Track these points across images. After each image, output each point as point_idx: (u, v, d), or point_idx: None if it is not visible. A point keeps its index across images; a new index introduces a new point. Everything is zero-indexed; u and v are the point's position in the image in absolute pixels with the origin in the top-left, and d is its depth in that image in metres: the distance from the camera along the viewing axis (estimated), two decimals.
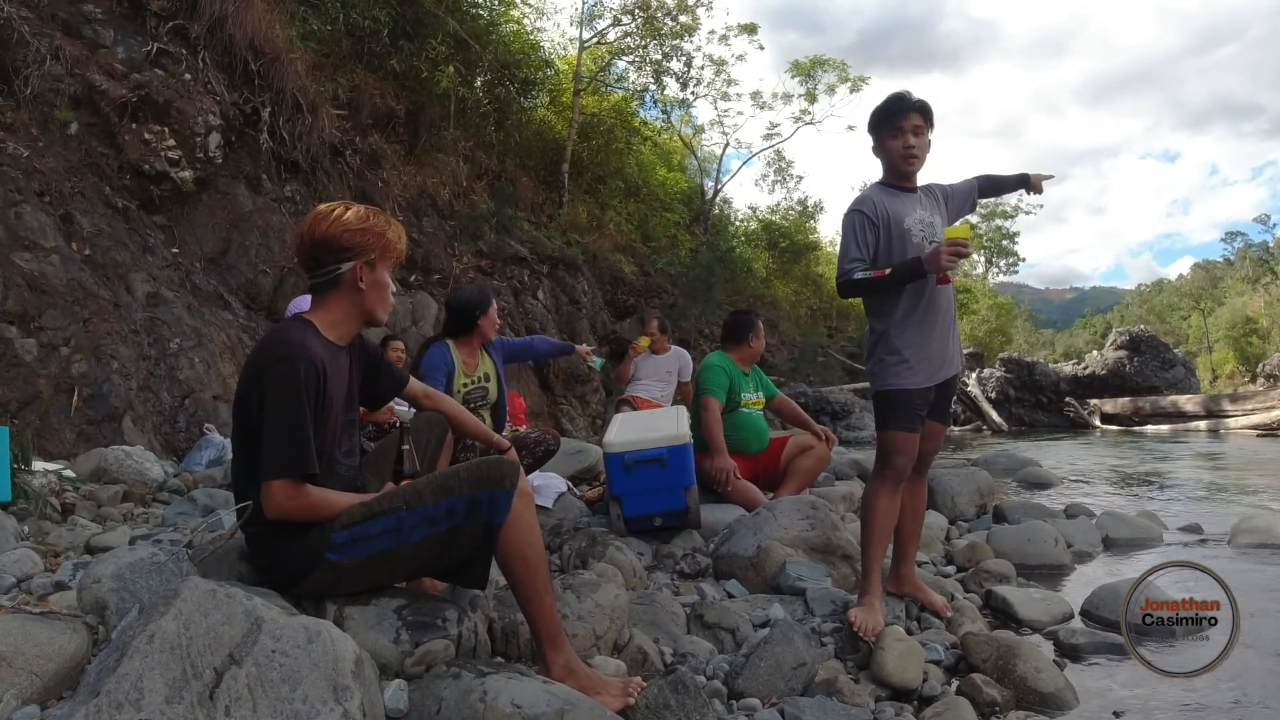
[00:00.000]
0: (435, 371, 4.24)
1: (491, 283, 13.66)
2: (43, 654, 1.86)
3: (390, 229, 2.31)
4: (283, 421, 2.04)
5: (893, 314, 2.89)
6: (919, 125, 2.94)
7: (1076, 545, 4.49)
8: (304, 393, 2.06)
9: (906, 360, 2.87)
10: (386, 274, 2.32)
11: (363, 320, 2.33)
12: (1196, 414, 18.08)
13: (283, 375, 2.06)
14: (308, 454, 2.04)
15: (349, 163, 11.77)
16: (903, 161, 2.96)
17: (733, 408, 4.73)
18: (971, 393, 20.89)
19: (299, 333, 2.16)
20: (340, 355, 2.29)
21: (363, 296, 2.27)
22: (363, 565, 2.10)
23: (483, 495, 2.09)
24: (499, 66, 15.99)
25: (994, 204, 54.65)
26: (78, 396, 6.14)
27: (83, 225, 7.15)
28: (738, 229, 29.94)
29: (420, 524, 2.09)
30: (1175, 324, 60.82)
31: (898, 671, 2.45)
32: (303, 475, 2.04)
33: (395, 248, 2.32)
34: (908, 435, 2.91)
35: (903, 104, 2.94)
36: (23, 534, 3.42)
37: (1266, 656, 2.77)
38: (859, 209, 2.91)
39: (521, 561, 2.12)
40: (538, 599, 2.13)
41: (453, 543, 2.11)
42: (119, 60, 8.29)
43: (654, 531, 3.94)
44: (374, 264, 2.26)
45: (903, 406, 2.90)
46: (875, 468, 2.99)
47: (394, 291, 2.39)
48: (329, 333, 2.26)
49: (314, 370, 2.09)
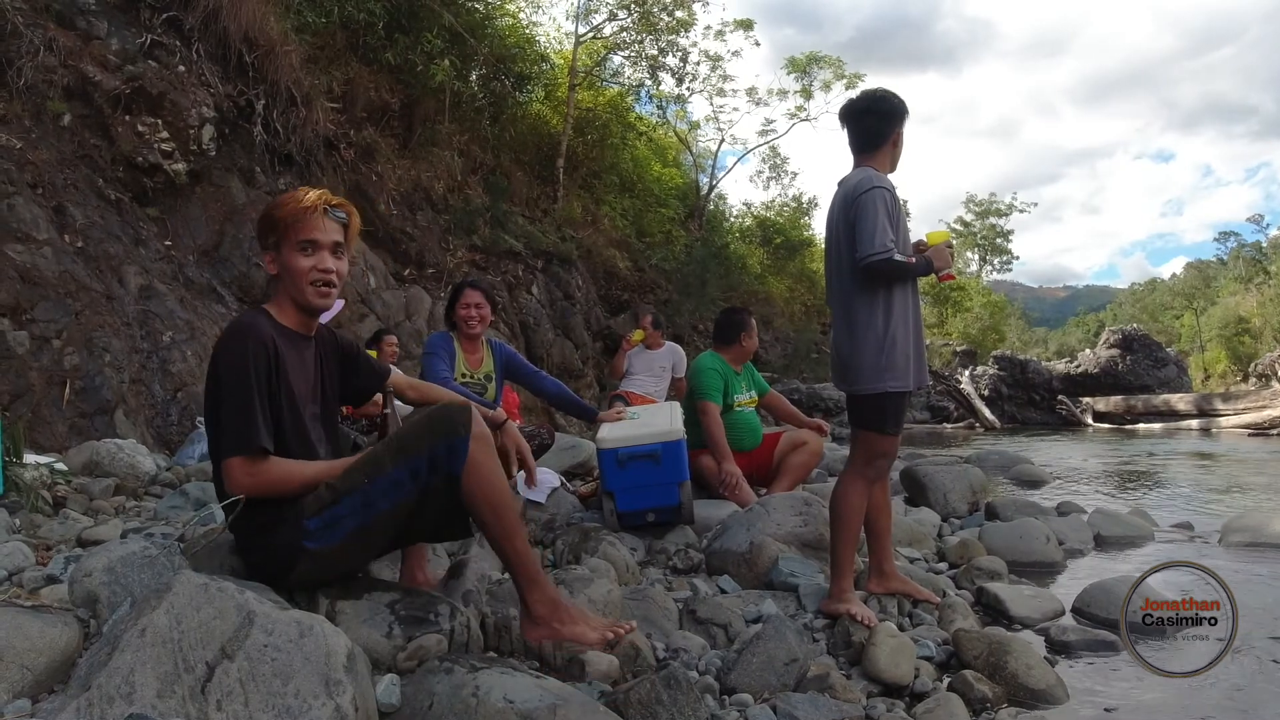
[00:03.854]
0: (439, 352, 4.26)
1: (486, 277, 13.63)
2: (34, 648, 1.86)
3: (284, 207, 2.18)
4: (232, 398, 2.02)
5: (895, 312, 2.86)
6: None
7: (1068, 543, 4.50)
8: (252, 369, 2.03)
9: (910, 360, 2.88)
10: (296, 253, 2.17)
11: (300, 310, 2.24)
12: (1189, 413, 18.15)
13: (230, 353, 2.05)
14: (257, 428, 2.01)
15: (343, 156, 11.72)
16: (896, 164, 3.00)
17: (727, 408, 4.74)
18: (965, 390, 20.94)
19: (249, 318, 2.14)
20: (302, 344, 2.25)
21: (284, 285, 2.21)
22: (343, 547, 2.08)
23: (440, 447, 2.05)
24: (494, 60, 15.93)
25: (988, 202, 54.87)
26: (70, 389, 6.12)
27: (75, 217, 7.12)
28: (732, 225, 29.98)
29: (387, 491, 2.06)
30: (1168, 323, 61.03)
31: (890, 668, 2.45)
32: (258, 449, 2.01)
33: (288, 223, 2.16)
34: (896, 437, 2.93)
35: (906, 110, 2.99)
36: (14, 527, 3.42)
37: (1257, 653, 2.78)
38: (884, 186, 2.84)
39: (487, 505, 2.08)
40: (508, 540, 2.10)
41: (424, 502, 2.09)
42: (112, 52, 8.24)
43: (647, 527, 3.95)
44: (277, 247, 2.19)
45: (900, 408, 2.90)
46: (856, 467, 2.98)
47: (325, 269, 2.19)
48: (283, 319, 2.22)
49: (262, 347, 2.06)
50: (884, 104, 2.99)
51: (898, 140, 2.98)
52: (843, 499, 2.97)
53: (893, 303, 2.87)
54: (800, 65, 29.06)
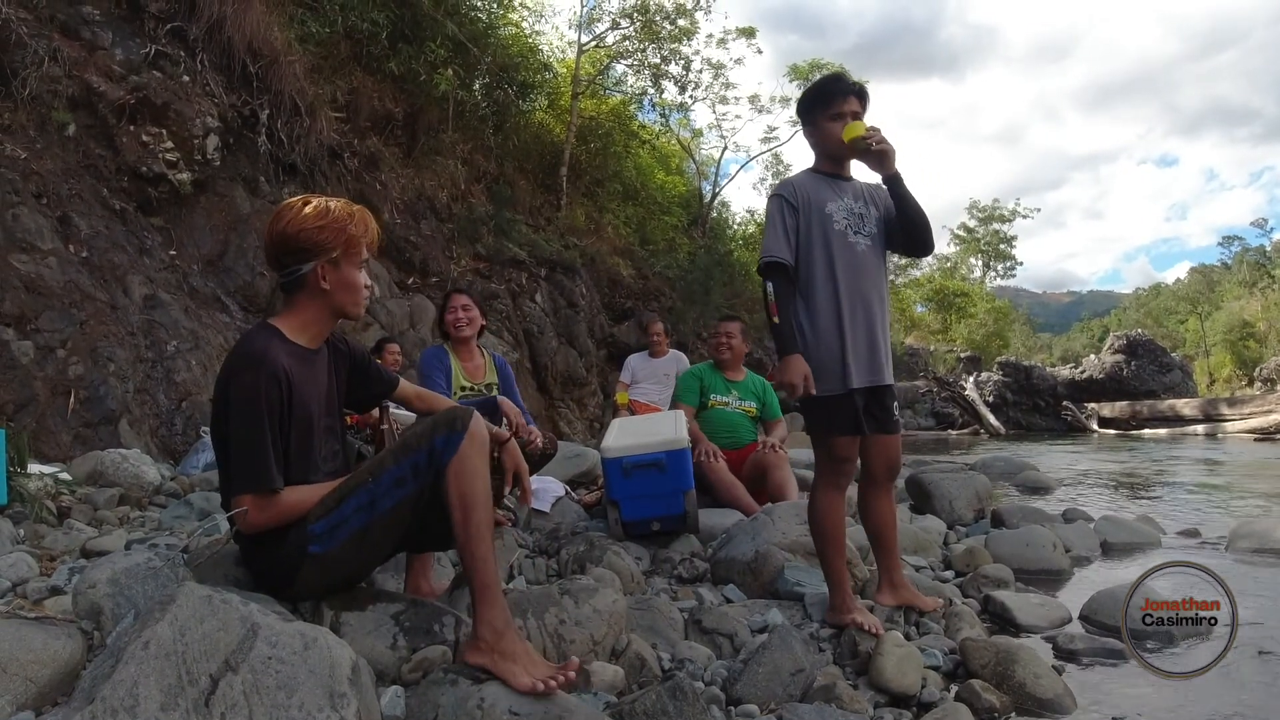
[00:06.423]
0: (434, 373, 4.24)
1: (489, 285, 13.65)
2: (38, 659, 1.85)
3: (353, 222, 2.20)
4: (244, 436, 2.02)
5: (820, 312, 2.84)
6: (857, 111, 2.86)
7: (1075, 550, 4.49)
8: (264, 405, 2.02)
9: (848, 361, 2.82)
10: (355, 270, 2.21)
11: (334, 319, 2.26)
12: (1194, 418, 18.13)
13: (241, 387, 2.03)
14: (268, 468, 2.01)
15: (347, 165, 11.76)
16: (840, 148, 2.86)
17: (702, 406, 5.03)
18: (969, 396, 20.92)
19: (262, 342, 2.10)
20: (313, 359, 2.24)
21: (329, 297, 2.20)
22: (344, 550, 2.07)
23: (439, 440, 2.04)
24: (497, 69, 15.99)
25: (992, 208, 54.89)
26: (74, 399, 6.13)
27: (80, 227, 7.14)
28: (736, 232, 29.98)
29: (389, 488, 2.05)
30: (1172, 328, 60.97)
31: (896, 677, 2.44)
32: (269, 490, 2.01)
33: (360, 241, 2.21)
34: (851, 440, 2.86)
35: (842, 85, 2.88)
36: (18, 537, 3.41)
37: (1267, 661, 2.76)
38: (778, 193, 2.86)
39: (459, 501, 2.02)
40: (471, 544, 2.01)
41: (424, 501, 2.07)
42: (117, 62, 8.27)
43: (652, 536, 3.93)
44: (337, 262, 2.17)
45: (839, 411, 2.83)
46: (820, 475, 2.95)
47: (369, 285, 2.28)
48: (298, 336, 2.20)
49: (275, 381, 2.04)
50: (805, 97, 2.97)
51: (821, 127, 2.89)
52: (816, 511, 2.92)
53: (814, 303, 2.82)
54: (803, 72, 29.05)
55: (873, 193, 3.00)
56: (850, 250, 2.84)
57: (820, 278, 2.82)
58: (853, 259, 2.84)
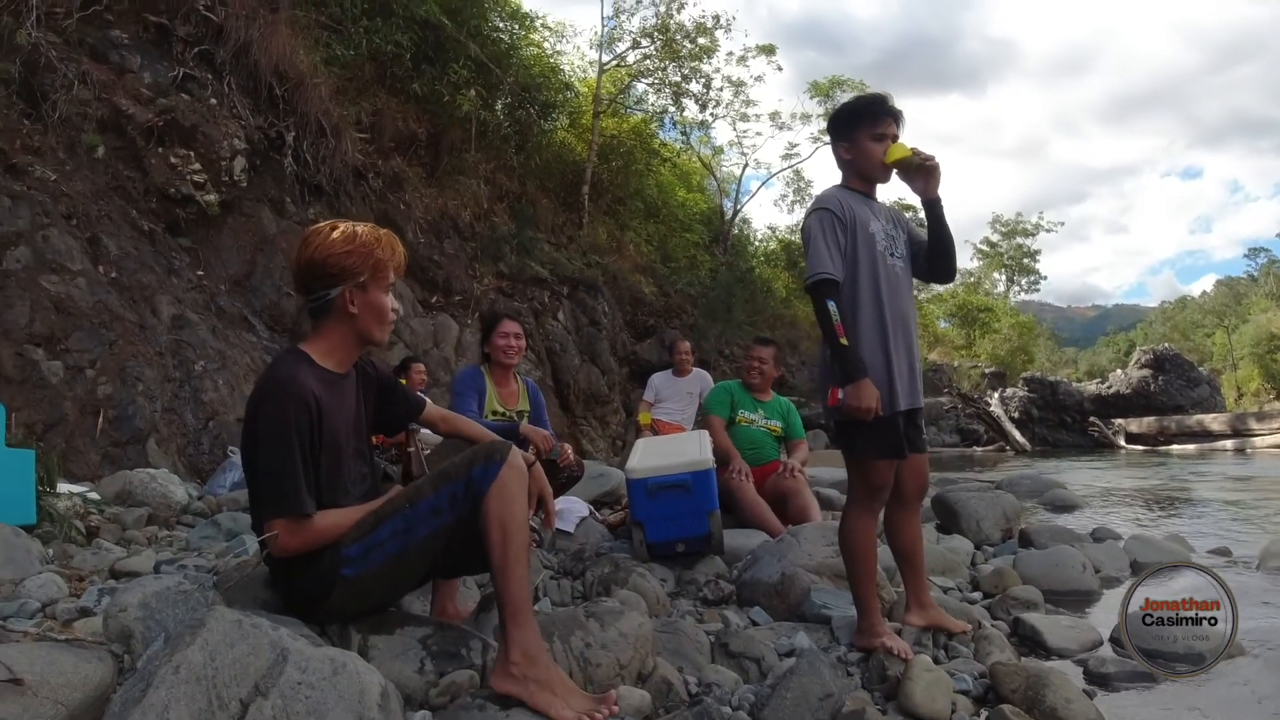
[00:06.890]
0: (468, 393, 4.20)
1: (512, 304, 13.71)
2: (68, 683, 1.86)
3: (380, 246, 2.22)
4: (274, 462, 2.04)
5: (863, 330, 2.79)
6: (896, 135, 2.84)
7: (1104, 570, 4.42)
8: (294, 432, 2.03)
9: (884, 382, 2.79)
10: (382, 294, 2.24)
11: (361, 344, 2.28)
12: (1223, 433, 17.91)
13: (269, 416, 2.05)
14: (299, 493, 2.03)
15: (371, 185, 11.88)
16: (880, 169, 2.83)
17: (731, 422, 5.01)
18: (994, 413, 20.75)
19: (290, 368, 2.12)
20: (342, 383, 2.25)
21: (356, 321, 2.21)
22: (377, 574, 2.08)
23: (476, 470, 2.06)
24: (519, 90, 16.13)
25: (1014, 222, 54.56)
26: (103, 419, 6.20)
27: (109, 248, 7.24)
28: (757, 249, 29.97)
29: (426, 516, 2.06)
30: (1199, 341, 60.26)
31: (926, 702, 2.40)
32: (300, 515, 2.03)
33: (387, 265, 2.23)
34: (888, 463, 2.83)
35: (889, 107, 2.85)
36: (47, 557, 3.43)
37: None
38: (825, 207, 2.77)
39: (498, 527, 2.03)
40: (508, 567, 2.02)
41: (459, 530, 2.08)
42: (145, 85, 8.41)
43: (676, 557, 3.90)
44: (365, 286, 2.19)
45: (879, 432, 2.79)
46: (853, 497, 2.91)
47: (395, 309, 2.30)
48: (326, 361, 2.22)
49: (305, 407, 2.06)
50: (847, 110, 2.94)
51: (863, 146, 2.84)
52: (847, 532, 2.89)
53: (860, 325, 2.77)
54: (823, 89, 29.08)
55: (898, 216, 2.99)
56: (891, 272, 2.83)
57: (867, 299, 2.78)
58: (893, 280, 2.82)
